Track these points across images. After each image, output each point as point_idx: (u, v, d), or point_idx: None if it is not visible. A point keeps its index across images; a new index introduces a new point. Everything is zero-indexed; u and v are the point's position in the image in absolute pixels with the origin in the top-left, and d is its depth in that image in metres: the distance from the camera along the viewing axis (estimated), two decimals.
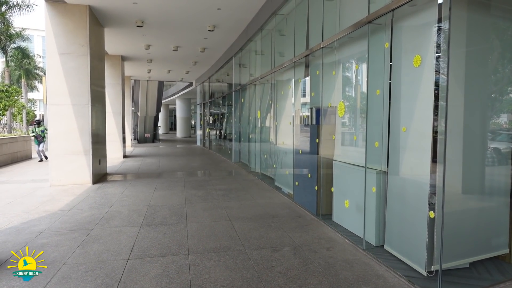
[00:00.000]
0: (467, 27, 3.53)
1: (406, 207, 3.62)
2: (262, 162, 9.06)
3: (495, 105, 3.80)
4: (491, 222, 3.66)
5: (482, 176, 3.71)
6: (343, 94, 4.93)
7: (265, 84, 9.02)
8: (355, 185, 4.44)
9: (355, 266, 3.63)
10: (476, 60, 3.65)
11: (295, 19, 6.67)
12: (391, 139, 3.85)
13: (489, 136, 3.72)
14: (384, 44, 3.93)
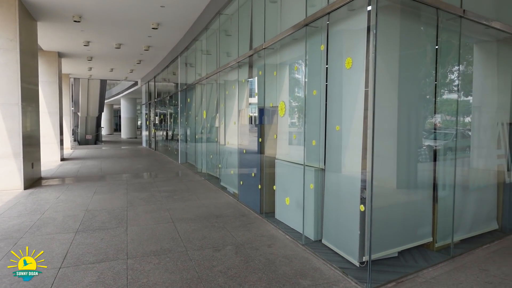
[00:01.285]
0: (400, 32, 3.80)
1: (341, 202, 3.81)
2: (208, 162, 9.01)
3: (428, 106, 4.11)
4: (418, 213, 3.97)
5: (413, 171, 4.01)
6: (283, 95, 5.06)
7: (211, 84, 8.98)
8: (295, 182, 4.57)
9: (294, 261, 3.75)
10: (409, 64, 3.95)
11: (239, 20, 6.72)
12: (327, 137, 4.02)
13: (422, 134, 4.02)
14: (320, 46, 4.10)
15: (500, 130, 4.58)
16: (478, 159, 4.54)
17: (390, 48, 3.73)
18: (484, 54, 4.77)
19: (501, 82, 4.77)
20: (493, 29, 4.26)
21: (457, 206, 4.07)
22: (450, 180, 4.01)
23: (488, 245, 4.23)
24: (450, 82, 4.26)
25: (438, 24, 3.87)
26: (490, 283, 3.26)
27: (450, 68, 4.23)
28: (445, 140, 4.09)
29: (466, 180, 4.34)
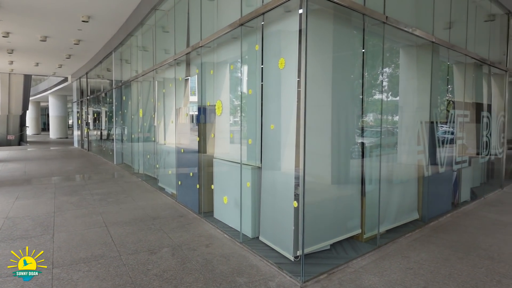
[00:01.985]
0: (333, 36, 3.98)
1: (277, 199, 3.90)
2: (146, 162, 8.71)
3: (359, 106, 4.33)
4: (348, 207, 4.19)
5: (345, 168, 4.22)
6: (220, 93, 5.05)
7: (149, 82, 8.67)
8: (233, 181, 4.59)
9: (231, 259, 3.76)
10: (342, 65, 4.15)
11: (175, 16, 6.57)
12: (263, 136, 4.09)
13: (354, 132, 4.25)
14: (255, 46, 4.15)
15: (419, 128, 5.01)
16: (401, 155, 4.92)
17: (323, 50, 3.90)
18: (408, 58, 5.18)
19: (421, 84, 5.21)
20: (413, 35, 4.63)
21: (382, 199, 4.38)
22: (376, 175, 4.30)
23: (410, 234, 4.61)
24: (378, 83, 4.55)
25: (365, 29, 4.12)
26: (410, 268, 3.55)
27: (378, 70, 4.52)
28: (374, 137, 4.37)
29: (391, 175, 4.68)
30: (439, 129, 5.45)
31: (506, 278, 3.35)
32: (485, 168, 7.31)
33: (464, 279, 3.33)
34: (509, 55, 7.88)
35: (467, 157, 6.33)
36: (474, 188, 6.72)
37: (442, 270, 3.52)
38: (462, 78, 6.35)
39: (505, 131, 7.99)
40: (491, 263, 3.69)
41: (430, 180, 5.16)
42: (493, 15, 7.49)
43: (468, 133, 6.50)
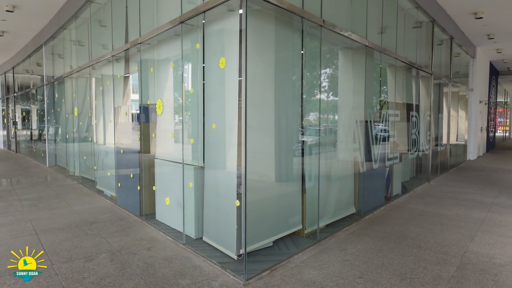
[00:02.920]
0: (276, 37, 4.06)
1: (220, 199, 3.89)
2: (82, 164, 8.21)
3: (301, 105, 4.45)
4: (289, 204, 4.31)
5: (288, 166, 4.32)
6: (161, 92, 4.92)
7: (84, 78, 8.18)
8: (175, 181, 4.50)
9: (174, 261, 3.69)
10: (285, 66, 4.24)
11: (112, 10, 6.26)
12: (206, 135, 4.05)
13: (296, 131, 4.35)
14: (196, 44, 4.10)
15: (354, 127, 5.30)
16: (339, 152, 5.17)
17: (266, 50, 3.97)
18: (345, 60, 5.44)
19: (356, 85, 5.50)
20: (348, 38, 4.88)
21: (322, 195, 4.57)
22: (316, 172, 4.46)
23: (348, 227, 4.86)
24: (318, 84, 4.72)
25: (303, 31, 4.25)
26: (347, 260, 3.74)
27: (317, 71, 4.69)
28: (314, 136, 4.53)
29: (329, 172, 4.90)
30: (376, 127, 5.82)
31: (431, 264, 3.66)
32: (414, 163, 7.93)
33: (394, 267, 3.58)
34: (433, 59, 8.61)
35: (398, 153, 6.81)
36: (405, 183, 7.26)
37: (376, 260, 3.75)
38: (394, 80, 6.82)
39: (431, 129, 8.73)
40: (418, 251, 4.01)
41: (365, 176, 5.48)
42: (420, 22, 8.14)
43: (399, 132, 7.00)
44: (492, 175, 9.60)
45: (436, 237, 4.49)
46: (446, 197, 6.79)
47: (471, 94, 12.89)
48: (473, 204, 6.21)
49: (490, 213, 5.65)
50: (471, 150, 13.22)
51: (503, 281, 3.27)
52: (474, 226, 4.94)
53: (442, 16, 8.69)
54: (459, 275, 3.41)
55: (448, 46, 10.08)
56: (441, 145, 9.92)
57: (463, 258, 3.82)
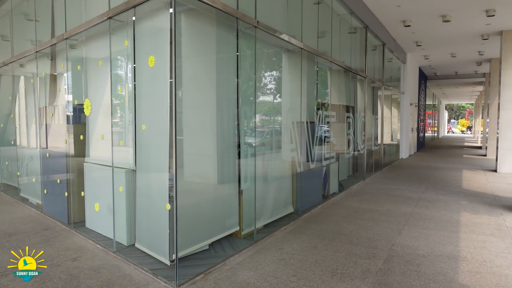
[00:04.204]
0: (217, 38, 4.04)
1: (152, 203, 3.74)
2: (4, 170, 7.50)
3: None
4: (227, 205, 4.26)
5: (229, 167, 4.26)
6: (89, 91, 4.63)
7: (8, 76, 7.47)
8: (105, 186, 4.25)
9: (102, 271, 3.46)
10: (227, 67, 4.19)
11: (35, 2, 5.79)
12: (137, 137, 3.87)
13: (237, 132, 4.30)
14: (125, 41, 3.91)
15: (291, 128, 5.39)
16: (276, 153, 5.22)
17: (205, 51, 3.92)
18: (284, 62, 5.53)
19: (293, 87, 5.61)
20: (284, 41, 4.95)
21: (259, 195, 4.58)
22: (253, 173, 4.46)
23: (285, 226, 4.92)
24: (252, 86, 4.73)
25: (239, 32, 4.24)
26: (282, 259, 3.78)
27: (253, 73, 4.70)
28: (254, 137, 4.53)
29: (267, 172, 4.93)
30: (321, 128, 5.98)
31: (361, 259, 3.81)
32: (350, 163, 8.29)
33: (327, 264, 3.68)
34: (367, 64, 9.09)
35: (335, 153, 7.07)
36: (341, 181, 7.55)
37: (310, 257, 3.83)
38: (331, 83, 7.07)
39: (366, 130, 9.19)
40: (350, 247, 4.16)
41: (303, 176, 5.60)
42: (355, 28, 8.54)
43: (335, 132, 7.26)
44: (421, 172, 10.34)
45: (367, 232, 4.70)
46: (379, 194, 7.17)
47: (403, 97, 13.82)
48: (402, 200, 6.62)
49: (417, 207, 6.05)
50: (403, 149, 14.16)
51: (424, 271, 3.49)
52: (402, 220, 5.26)
53: (375, 23, 9.20)
54: (386, 267, 3.59)
55: (381, 52, 10.71)
56: (376, 145, 10.49)
57: (391, 251, 4.03)
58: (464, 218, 5.41)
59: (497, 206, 6.19)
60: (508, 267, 3.61)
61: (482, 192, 7.36)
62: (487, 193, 7.28)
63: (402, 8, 8.32)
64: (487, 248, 4.16)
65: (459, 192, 7.39)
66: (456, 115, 60.52)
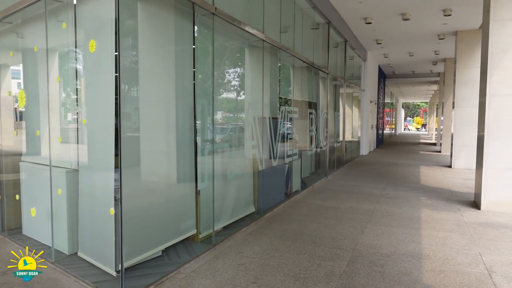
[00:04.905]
0: (176, 28, 3.71)
1: (96, 206, 3.34)
2: None
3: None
4: (182, 207, 3.93)
5: (181, 166, 3.92)
6: (24, 81, 4.11)
7: None
8: (42, 188, 3.77)
9: (36, 286, 3.03)
10: (188, 59, 3.84)
11: None
12: (80, 133, 3.45)
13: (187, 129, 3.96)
14: (62, 24, 3.46)
15: (253, 124, 5.13)
16: (237, 150, 4.95)
17: (161, 42, 3.59)
18: (244, 55, 5.25)
19: (254, 82, 5.36)
20: (244, 31, 4.68)
21: (218, 195, 4.29)
22: (212, 171, 4.15)
23: (246, 227, 4.67)
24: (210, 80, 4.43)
25: (195, 18, 3.91)
26: (242, 264, 3.51)
27: (211, 66, 4.39)
28: (210, 134, 4.21)
29: (227, 171, 4.64)
30: (284, 125, 5.77)
31: (324, 261, 3.63)
32: (313, 159, 8.19)
33: (290, 267, 3.46)
34: (330, 60, 9.03)
35: (298, 150, 6.91)
36: (304, 178, 7.42)
37: (272, 261, 3.60)
38: (294, 78, 6.90)
39: (328, 127, 9.15)
40: (313, 248, 3.98)
41: (264, 174, 5.37)
42: (318, 24, 8.44)
43: (298, 129, 7.11)
44: (381, 168, 10.48)
45: (331, 232, 4.55)
46: (341, 191, 7.11)
47: (363, 94, 14.02)
48: (364, 197, 6.58)
49: (379, 204, 6.02)
50: (364, 146, 14.39)
51: (389, 272, 3.37)
52: (364, 218, 5.17)
53: (337, 19, 9.16)
54: (350, 269, 3.43)
55: (343, 49, 10.73)
56: (338, 142, 10.52)
57: (354, 251, 3.89)
58: (424, 214, 5.42)
59: (454, 201, 6.30)
60: (470, 264, 3.58)
61: (439, 188, 7.52)
62: (444, 189, 7.44)
63: (363, 5, 8.32)
64: (448, 244, 4.13)
65: (418, 188, 7.50)
66: (411, 113, 63.31)
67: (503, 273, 3.38)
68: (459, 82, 10.68)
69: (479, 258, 3.74)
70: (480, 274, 3.34)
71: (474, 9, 8.46)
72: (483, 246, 4.09)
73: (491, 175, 5.64)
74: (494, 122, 5.57)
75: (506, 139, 5.50)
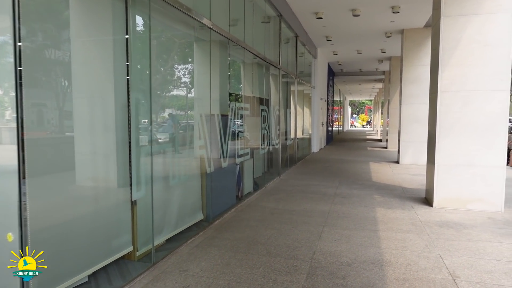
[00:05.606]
0: (113, 17, 3.22)
1: None
2: None
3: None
4: (115, 220, 3.31)
5: (112, 171, 3.32)
6: None
7: None
8: None
9: None
10: (123, 49, 3.26)
11: None
12: None
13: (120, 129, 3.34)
14: None
15: (199, 122, 4.60)
16: (181, 151, 4.38)
17: (99, 30, 2.96)
18: (192, 47, 4.70)
19: (202, 75, 4.83)
20: (187, 15, 4.12)
21: (158, 204, 3.72)
22: (148, 177, 3.56)
23: (193, 238, 4.15)
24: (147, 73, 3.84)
25: (128, 2, 3.30)
26: (187, 286, 3.00)
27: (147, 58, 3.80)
28: (148, 134, 3.62)
29: (168, 175, 4.06)
30: (234, 123, 5.28)
31: (281, 275, 3.23)
32: (265, 158, 7.81)
33: (242, 286, 3.01)
34: (281, 56, 8.70)
35: (249, 149, 6.48)
36: (256, 179, 7.01)
37: (222, 279, 3.13)
38: (245, 73, 6.44)
39: (280, 124, 8.83)
40: (268, 260, 3.56)
41: (213, 176, 4.86)
42: (269, 17, 8.06)
43: (250, 126, 6.69)
44: (333, 166, 10.41)
45: (286, 239, 4.17)
46: (295, 191, 6.80)
47: (314, 91, 13.97)
48: (319, 197, 6.33)
49: (334, 204, 5.78)
50: (315, 143, 14.37)
51: (351, 285, 3.04)
52: (321, 221, 4.87)
53: (288, 12, 8.86)
54: (310, 284, 3.05)
55: (294, 45, 10.48)
56: (290, 139, 10.27)
57: (313, 261, 3.54)
58: (380, 214, 5.25)
59: (406, 198, 6.25)
60: (433, 269, 3.36)
61: (390, 185, 7.50)
62: (395, 185, 7.43)
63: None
64: (408, 247, 3.93)
65: (370, 185, 7.43)
66: (357, 111, 65.96)
67: (467, 277, 3.20)
68: (405, 80, 10.90)
69: (441, 261, 3.56)
70: (445, 281, 3.13)
71: (421, 7, 8.58)
72: (442, 247, 3.93)
73: (443, 171, 5.61)
74: (446, 118, 5.54)
75: (457, 135, 5.49)
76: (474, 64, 5.38)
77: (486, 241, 4.15)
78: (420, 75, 10.62)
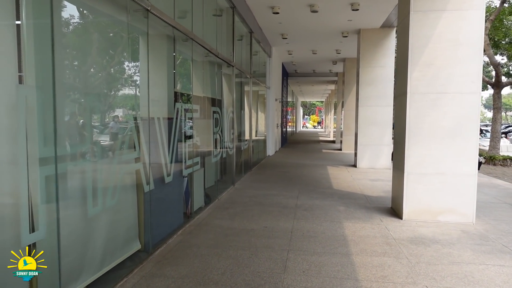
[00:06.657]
0: None
1: None
2: None
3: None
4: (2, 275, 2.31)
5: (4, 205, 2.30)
6: None
7: None
8: None
9: None
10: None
11: None
12: None
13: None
14: None
15: (133, 128, 3.64)
16: (109, 167, 3.39)
17: None
18: (119, 36, 3.74)
19: (135, 71, 3.90)
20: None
21: (72, 241, 2.75)
22: (54, 206, 2.57)
23: (125, 279, 3.21)
24: (44, 67, 2.86)
25: None
26: None
27: (47, 48, 2.82)
28: (57, 145, 2.65)
29: (90, 200, 3.06)
30: (182, 127, 4.37)
31: None
32: (218, 166, 6.96)
33: None
34: (235, 54, 7.90)
35: (199, 157, 5.60)
36: (208, 190, 6.14)
37: None
38: (194, 69, 5.54)
39: (235, 127, 8.02)
40: None
41: (154, 195, 3.92)
42: (221, 9, 7.24)
43: (200, 131, 5.82)
44: (290, 171, 9.79)
45: (244, 272, 3.38)
46: (252, 204, 6.04)
47: (268, 92, 13.33)
48: (278, 210, 5.61)
49: (296, 220, 5.09)
50: (270, 146, 13.74)
51: None
52: (284, 244, 4.15)
53: (243, 5, 8.08)
54: None
55: (249, 42, 9.74)
56: (245, 143, 9.50)
57: None
58: (348, 231, 4.64)
59: (372, 209, 5.73)
60: None
61: (352, 193, 7.01)
62: (357, 193, 6.95)
63: None
64: (389, 277, 3.31)
65: (332, 193, 6.87)
66: (308, 112, 67.03)
67: None
68: (362, 82, 10.59)
69: None
70: None
71: (380, 6, 8.23)
72: (426, 275, 3.36)
73: (413, 180, 5.14)
74: (416, 123, 5.07)
75: (429, 142, 5.04)
76: (445, 64, 4.96)
77: (471, 263, 3.66)
78: (377, 77, 10.37)
